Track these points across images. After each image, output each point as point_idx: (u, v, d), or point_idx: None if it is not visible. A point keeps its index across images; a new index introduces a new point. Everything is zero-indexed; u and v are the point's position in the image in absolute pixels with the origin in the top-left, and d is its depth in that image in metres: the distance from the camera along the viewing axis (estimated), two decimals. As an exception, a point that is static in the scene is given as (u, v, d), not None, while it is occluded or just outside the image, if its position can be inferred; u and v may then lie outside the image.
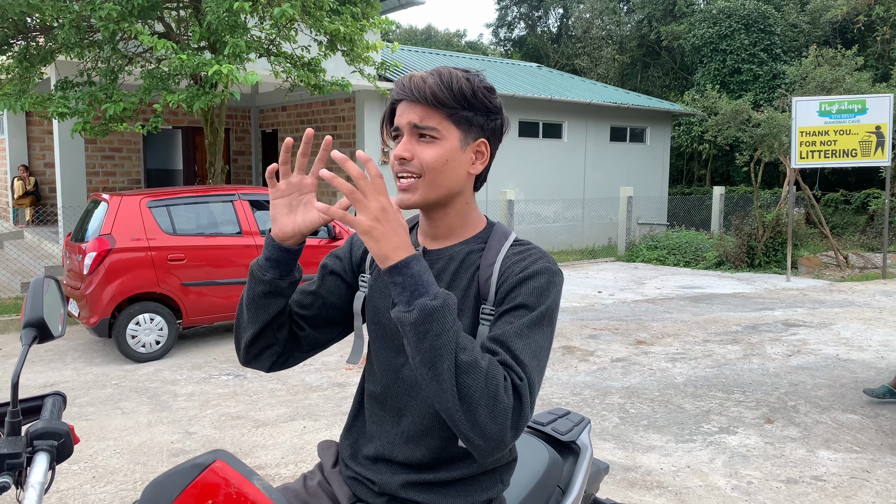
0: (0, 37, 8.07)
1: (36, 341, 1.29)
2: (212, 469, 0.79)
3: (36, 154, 14.52)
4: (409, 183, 1.30)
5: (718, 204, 15.53)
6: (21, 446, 1.14)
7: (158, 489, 0.80)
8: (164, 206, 6.73)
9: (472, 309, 1.31)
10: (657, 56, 29.35)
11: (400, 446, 1.36)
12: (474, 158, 1.35)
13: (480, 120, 1.32)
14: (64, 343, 7.14)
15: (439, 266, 1.36)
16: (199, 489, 0.79)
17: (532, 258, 1.31)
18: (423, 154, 1.29)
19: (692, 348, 6.73)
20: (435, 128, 1.29)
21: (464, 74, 1.30)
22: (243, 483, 0.79)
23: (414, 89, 1.28)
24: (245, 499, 0.78)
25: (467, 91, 1.29)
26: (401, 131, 1.32)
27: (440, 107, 1.28)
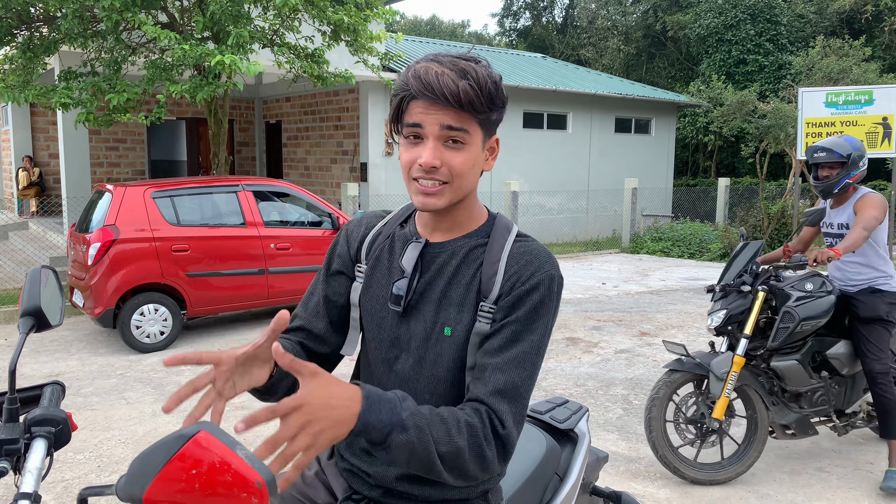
0: (4, 27, 8.06)
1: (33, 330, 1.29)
2: (196, 440, 0.81)
3: (40, 145, 14.55)
4: (436, 189, 1.25)
5: (723, 195, 15.47)
6: (19, 432, 1.15)
7: (144, 461, 0.81)
8: (168, 197, 6.74)
9: (472, 305, 1.29)
10: (662, 47, 29.20)
11: None
12: (488, 155, 1.33)
13: (497, 116, 1.28)
14: (69, 333, 7.17)
15: (441, 260, 1.33)
16: (183, 460, 0.82)
17: (538, 262, 1.28)
18: (452, 161, 1.23)
19: (696, 340, 6.72)
20: (467, 130, 1.23)
21: (485, 73, 1.23)
22: (227, 452, 0.81)
23: (447, 92, 1.18)
24: (228, 467, 0.79)
25: (493, 92, 1.23)
26: (423, 132, 1.23)
27: (473, 112, 1.22)
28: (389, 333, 1.35)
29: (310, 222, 7.63)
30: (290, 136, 15.80)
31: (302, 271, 7.31)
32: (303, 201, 7.72)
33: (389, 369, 1.35)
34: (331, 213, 7.71)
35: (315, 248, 7.42)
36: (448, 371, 1.30)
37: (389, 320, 1.35)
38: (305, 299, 1.47)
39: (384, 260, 1.39)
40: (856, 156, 3.57)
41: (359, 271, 1.42)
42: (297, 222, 7.55)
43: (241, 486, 0.82)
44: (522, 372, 1.24)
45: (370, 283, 1.39)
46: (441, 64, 1.22)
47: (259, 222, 7.13)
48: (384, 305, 1.35)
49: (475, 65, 1.23)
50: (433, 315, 1.31)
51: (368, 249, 1.42)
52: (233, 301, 6.99)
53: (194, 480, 0.82)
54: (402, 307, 1.32)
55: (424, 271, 1.33)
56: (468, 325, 1.29)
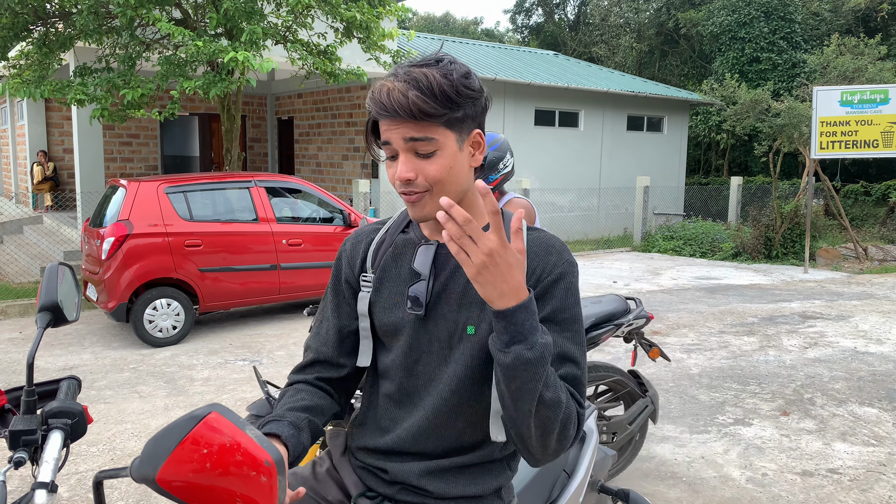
0: (20, 23, 8.13)
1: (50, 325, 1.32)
2: (207, 421, 0.83)
3: (55, 140, 14.66)
4: (419, 198, 1.26)
5: (736, 194, 15.38)
6: (36, 424, 1.18)
7: (157, 442, 0.83)
8: (181, 193, 6.77)
9: None
10: (675, 44, 29.03)
11: (414, 439, 1.35)
12: (472, 151, 1.31)
13: (470, 110, 1.26)
14: (82, 327, 7.23)
15: (456, 261, 1.32)
16: (195, 440, 0.84)
17: (557, 252, 1.30)
18: (426, 170, 1.24)
19: (708, 339, 6.69)
20: (432, 138, 1.22)
21: (439, 72, 1.22)
22: (237, 433, 0.82)
23: (397, 107, 1.19)
24: (238, 446, 0.81)
25: (450, 91, 1.21)
26: (393, 148, 1.25)
27: (430, 118, 1.21)
28: (408, 338, 1.34)
29: (321, 218, 7.65)
30: (302, 132, 15.84)
31: (313, 267, 7.33)
32: (314, 197, 7.74)
33: (410, 373, 1.35)
34: (342, 209, 7.72)
35: (326, 244, 7.44)
36: (470, 368, 1.30)
37: (407, 325, 1.33)
38: (316, 330, 1.46)
39: (391, 267, 1.38)
40: (493, 157, 2.98)
41: (365, 281, 1.40)
42: (308, 218, 7.58)
43: (250, 465, 0.84)
44: (578, 357, 1.27)
45: (380, 292, 1.37)
46: (396, 78, 1.22)
47: (271, 218, 7.16)
48: (400, 311, 1.34)
49: (429, 68, 1.22)
50: (454, 315, 1.30)
51: (374, 259, 1.40)
52: (245, 296, 7.02)
53: (206, 460, 0.84)
54: (423, 310, 1.31)
55: (439, 273, 1.33)
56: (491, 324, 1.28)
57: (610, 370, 3.30)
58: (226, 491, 0.85)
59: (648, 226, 14.59)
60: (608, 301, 3.10)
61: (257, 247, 7.01)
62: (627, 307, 3.11)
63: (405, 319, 1.34)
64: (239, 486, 0.84)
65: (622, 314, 3.10)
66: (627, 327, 3.09)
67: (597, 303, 3.16)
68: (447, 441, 1.34)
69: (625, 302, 3.08)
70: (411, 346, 1.34)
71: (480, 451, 1.35)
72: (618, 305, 3.10)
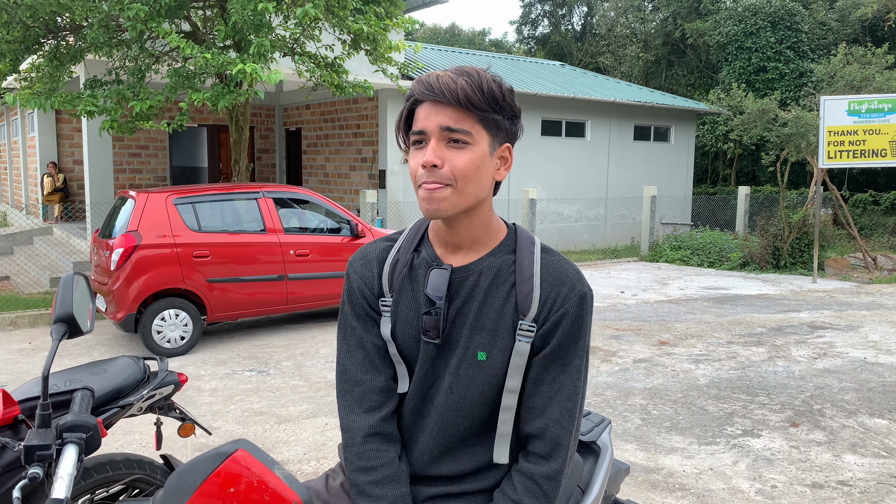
0: (31, 36, 8.22)
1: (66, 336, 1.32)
2: (234, 458, 0.81)
3: (65, 151, 14.77)
4: (439, 192, 1.22)
5: (743, 204, 15.34)
6: (51, 438, 1.18)
7: (183, 477, 0.82)
8: (189, 204, 6.81)
9: (508, 327, 1.29)
10: (682, 54, 29.06)
11: (428, 463, 1.35)
12: (499, 164, 1.30)
13: (507, 124, 1.28)
14: (91, 338, 7.26)
15: (470, 283, 1.31)
16: (221, 477, 0.81)
17: (570, 282, 1.30)
18: (455, 160, 1.22)
19: (716, 350, 6.66)
20: (468, 131, 1.22)
21: (489, 76, 1.25)
22: (264, 472, 0.81)
23: (445, 90, 1.20)
24: (266, 487, 0.79)
25: (497, 93, 1.24)
26: (426, 135, 1.23)
27: (472, 109, 1.22)
28: (424, 364, 1.32)
29: (329, 229, 7.68)
30: (310, 143, 15.91)
31: (321, 277, 7.35)
32: (322, 208, 7.77)
33: (423, 398, 1.34)
34: (349, 219, 7.75)
35: (334, 254, 7.47)
36: (481, 394, 1.30)
37: (424, 352, 1.32)
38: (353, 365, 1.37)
39: (407, 290, 1.35)
40: None
41: (384, 305, 1.36)
42: (316, 229, 7.60)
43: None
44: (573, 396, 1.29)
45: (398, 317, 1.35)
46: (446, 70, 1.26)
47: (279, 229, 7.19)
48: (416, 337, 1.32)
49: (479, 70, 1.26)
50: (465, 341, 1.30)
51: (391, 280, 1.36)
52: (253, 307, 7.04)
53: (232, 499, 0.82)
54: (440, 339, 1.29)
55: (453, 297, 1.31)
56: (504, 348, 1.28)
57: (128, 465, 2.36)
58: None
59: (656, 235, 14.56)
60: (116, 370, 2.19)
61: (265, 257, 7.04)
62: (145, 373, 2.26)
63: (420, 346, 1.32)
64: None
65: (135, 386, 2.19)
66: (146, 401, 2.21)
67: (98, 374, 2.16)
68: (461, 464, 1.34)
69: (140, 367, 2.25)
70: (427, 372, 1.33)
71: (496, 473, 1.36)
72: (129, 375, 2.20)
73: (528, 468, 1.29)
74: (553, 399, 1.28)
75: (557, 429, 1.28)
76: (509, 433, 1.31)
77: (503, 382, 1.29)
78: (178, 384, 2.28)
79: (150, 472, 2.38)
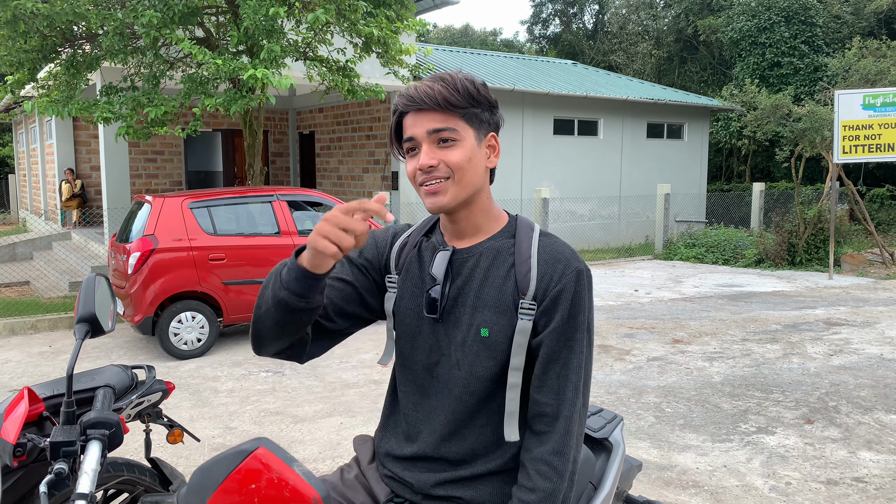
0: (48, 45, 8.35)
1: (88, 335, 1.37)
2: (255, 455, 0.84)
3: (82, 158, 14.97)
4: (439, 186, 1.33)
5: (758, 201, 15.25)
6: (75, 435, 1.23)
7: (205, 474, 0.85)
8: (204, 208, 6.90)
9: (509, 305, 1.35)
10: (695, 51, 28.89)
11: (436, 444, 1.40)
12: (489, 153, 1.40)
13: (487, 115, 1.38)
14: (110, 340, 7.37)
15: (470, 264, 1.39)
16: (243, 474, 0.84)
17: (565, 260, 1.36)
18: (448, 157, 1.33)
19: (730, 347, 6.65)
20: (454, 129, 1.33)
21: (462, 76, 1.35)
22: (284, 469, 0.84)
23: (425, 97, 1.32)
24: (286, 483, 0.82)
25: (472, 90, 1.34)
26: (417, 141, 1.34)
27: (453, 109, 1.32)
28: (427, 340, 1.41)
29: (342, 231, 7.73)
30: (323, 146, 16.00)
31: (335, 279, 7.40)
32: (335, 210, 7.82)
33: (430, 374, 1.41)
34: (363, 221, 7.79)
35: (347, 256, 7.52)
36: (487, 370, 1.36)
37: (426, 327, 1.40)
38: None
39: (414, 269, 1.45)
40: None
41: (390, 282, 1.47)
42: (329, 231, 7.65)
43: (298, 502, 0.85)
44: (578, 371, 1.35)
45: (403, 294, 1.44)
46: (422, 81, 1.36)
47: (293, 231, 7.26)
48: (419, 314, 1.41)
49: (453, 73, 1.36)
50: (468, 318, 1.37)
51: (398, 260, 1.47)
52: (267, 309, 7.10)
53: (253, 495, 0.85)
54: (438, 314, 1.38)
55: (455, 277, 1.40)
56: (506, 325, 1.35)
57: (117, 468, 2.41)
58: None
59: (670, 233, 14.51)
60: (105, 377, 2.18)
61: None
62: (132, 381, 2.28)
63: (422, 322, 1.41)
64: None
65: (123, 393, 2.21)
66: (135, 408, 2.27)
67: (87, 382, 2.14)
68: (468, 444, 1.39)
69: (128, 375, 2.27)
70: (431, 348, 1.40)
71: (503, 454, 1.40)
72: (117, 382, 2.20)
73: (538, 451, 1.33)
74: (559, 374, 1.34)
75: (565, 403, 1.34)
76: (517, 411, 1.37)
77: (507, 360, 1.36)
78: (165, 392, 2.32)
79: (139, 475, 2.43)
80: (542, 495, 1.30)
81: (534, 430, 1.36)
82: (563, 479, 1.32)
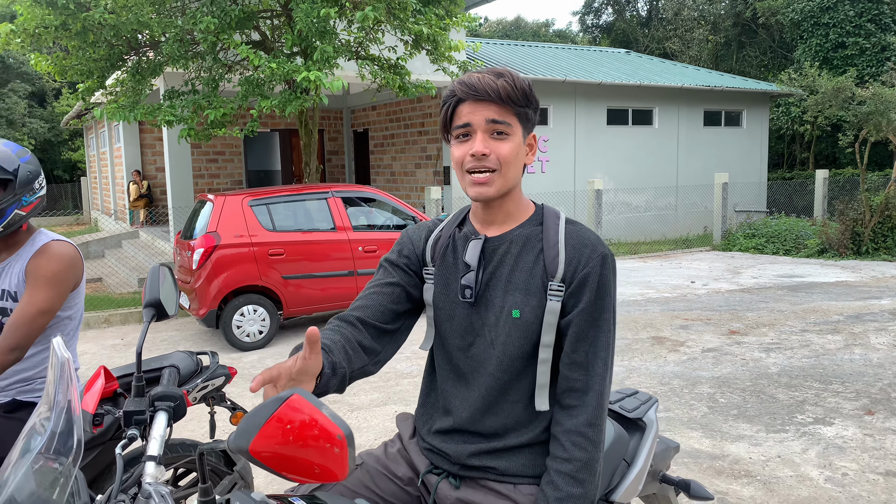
0: (115, 54, 8.77)
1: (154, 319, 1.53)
2: (289, 402, 0.99)
3: (148, 160, 15.61)
4: (487, 177, 1.42)
5: (822, 188, 14.76)
6: (145, 405, 1.39)
7: (250, 419, 1.00)
8: (264, 205, 7.15)
9: (539, 287, 1.44)
10: (754, 34, 28.03)
11: (472, 418, 1.50)
12: (527, 150, 1.49)
13: (533, 115, 1.47)
14: (176, 333, 7.72)
15: (502, 250, 1.49)
16: (279, 418, 1.00)
17: (591, 245, 1.45)
18: (499, 149, 1.41)
19: (788, 338, 6.51)
20: (509, 123, 1.41)
21: (518, 75, 1.43)
22: (314, 411, 0.98)
23: (488, 89, 1.39)
24: (316, 423, 0.97)
25: (528, 90, 1.43)
26: (472, 128, 1.42)
27: (511, 105, 1.40)
28: (462, 323, 1.50)
29: (395, 225, 7.90)
30: (377, 143, 16.25)
31: (388, 273, 7.56)
32: (388, 205, 8.00)
33: (465, 354, 1.51)
34: (414, 216, 7.95)
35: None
36: (519, 349, 1.45)
37: (461, 311, 1.50)
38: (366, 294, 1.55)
39: (449, 259, 1.55)
40: (27, 171, 2.18)
41: (427, 274, 1.57)
42: (382, 226, 7.84)
43: (326, 439, 1.00)
44: (606, 348, 1.44)
45: (439, 282, 1.54)
46: (480, 72, 1.44)
47: (348, 226, 7.45)
48: (455, 299, 1.51)
49: (511, 71, 1.44)
50: (501, 300, 1.46)
51: (433, 252, 1.57)
52: (325, 301, 7.33)
53: (289, 434, 1.00)
54: (472, 298, 1.47)
55: (488, 263, 1.49)
56: (536, 306, 1.43)
57: (188, 448, 2.58)
58: (306, 461, 1.01)
59: (729, 224, 14.19)
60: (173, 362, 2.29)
61: (335, 254, 7.31)
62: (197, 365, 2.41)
63: (458, 306, 1.50)
64: (316, 457, 1.01)
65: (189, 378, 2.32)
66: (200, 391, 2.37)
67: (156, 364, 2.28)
68: (501, 418, 1.49)
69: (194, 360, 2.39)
70: (465, 330, 1.50)
71: (535, 427, 1.49)
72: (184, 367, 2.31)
73: (571, 423, 1.42)
74: (588, 352, 1.43)
75: (595, 378, 1.43)
76: (547, 383, 1.46)
77: (538, 339, 1.45)
78: (228, 376, 2.46)
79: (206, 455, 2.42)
80: (578, 465, 1.39)
81: (564, 404, 1.44)
82: (597, 448, 1.41)
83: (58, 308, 2.07)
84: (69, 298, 2.17)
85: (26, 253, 2.15)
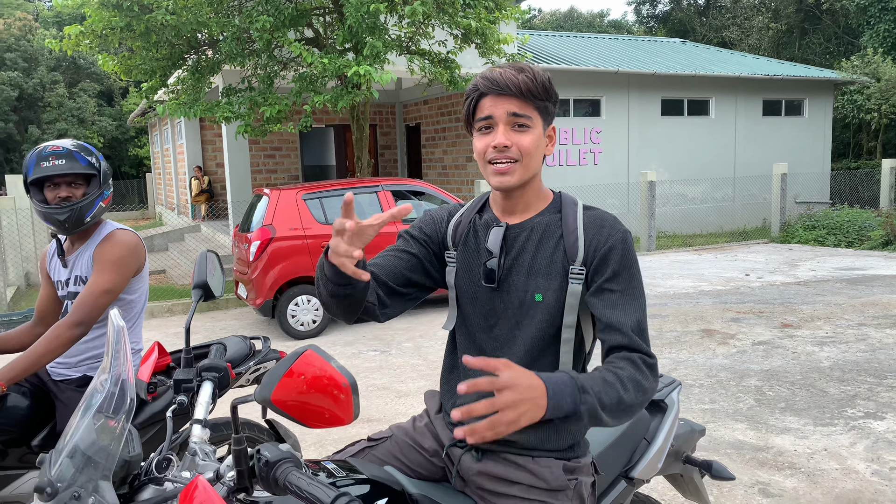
0: (176, 53, 9.14)
1: (202, 299, 1.68)
2: (304, 357, 1.15)
3: (209, 155, 16.15)
4: (508, 168, 1.50)
5: (888, 178, 14.20)
6: (193, 374, 1.54)
7: (272, 373, 1.17)
8: (316, 199, 7.37)
9: (560, 272, 1.51)
10: (817, 21, 27.03)
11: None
12: (547, 142, 1.56)
13: (552, 108, 1.54)
14: (235, 322, 8.03)
15: (523, 237, 1.56)
16: (296, 369, 1.18)
17: (609, 225, 1.52)
18: (521, 141, 1.49)
19: (844, 332, 6.36)
20: (530, 116, 1.49)
21: (538, 69, 1.50)
22: (324, 364, 1.14)
23: (510, 83, 1.46)
24: (325, 373, 1.12)
25: (548, 85, 1.50)
26: (494, 121, 1.49)
27: (532, 98, 1.48)
28: (485, 305, 1.58)
29: (444, 218, 8.00)
30: (429, 137, 16.40)
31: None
32: (436, 198, 8.12)
33: (488, 335, 1.59)
34: (463, 208, 8.03)
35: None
36: (541, 330, 1.53)
37: (484, 295, 1.58)
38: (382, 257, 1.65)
39: (471, 244, 1.62)
40: (105, 167, 2.44)
41: (449, 257, 1.65)
42: (431, 218, 7.95)
43: (334, 386, 1.17)
44: (639, 309, 1.48)
45: (461, 266, 1.63)
46: (501, 67, 1.51)
47: (397, 219, 7.59)
48: (478, 283, 1.59)
49: (531, 66, 1.51)
50: (523, 285, 1.54)
51: (454, 236, 1.65)
52: (374, 293, 7.49)
53: (304, 384, 1.17)
54: (496, 283, 1.55)
55: (509, 250, 1.57)
56: (558, 289, 1.50)
57: None
58: (318, 407, 1.18)
59: (788, 215, 13.81)
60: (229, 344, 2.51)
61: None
62: (250, 349, 2.58)
63: (481, 289, 1.59)
64: (327, 403, 1.17)
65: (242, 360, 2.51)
66: (253, 374, 2.53)
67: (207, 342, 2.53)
68: None
69: (247, 345, 2.56)
70: (488, 313, 1.58)
71: None
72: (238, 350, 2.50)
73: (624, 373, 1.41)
74: (624, 314, 1.46)
75: (636, 334, 1.45)
76: (570, 361, 1.54)
77: (560, 320, 1.52)
78: (279, 360, 2.44)
79: (258, 434, 2.85)
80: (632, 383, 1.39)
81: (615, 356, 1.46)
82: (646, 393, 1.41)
83: (120, 289, 2.27)
84: (132, 283, 2.37)
85: (94, 241, 2.40)
